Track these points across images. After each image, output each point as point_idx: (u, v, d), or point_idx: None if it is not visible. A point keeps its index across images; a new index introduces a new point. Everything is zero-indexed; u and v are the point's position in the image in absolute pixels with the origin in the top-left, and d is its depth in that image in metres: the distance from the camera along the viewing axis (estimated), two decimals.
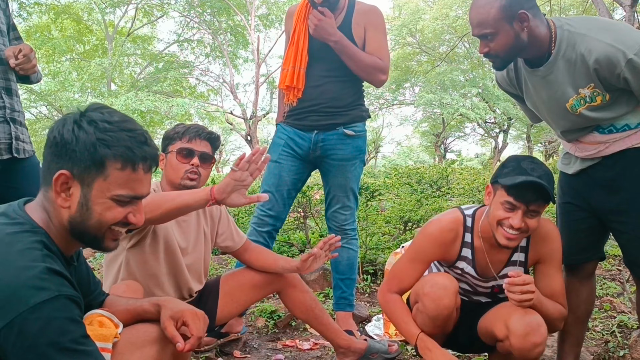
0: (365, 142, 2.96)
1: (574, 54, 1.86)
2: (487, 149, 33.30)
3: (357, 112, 2.87)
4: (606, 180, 2.04)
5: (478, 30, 1.90)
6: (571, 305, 2.17)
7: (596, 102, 1.91)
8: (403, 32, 24.31)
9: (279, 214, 2.86)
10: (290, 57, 2.83)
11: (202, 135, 2.23)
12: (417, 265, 2.14)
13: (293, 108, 2.89)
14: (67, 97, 22.52)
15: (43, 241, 1.18)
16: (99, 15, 24.66)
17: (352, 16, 2.80)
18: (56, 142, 1.20)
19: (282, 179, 2.85)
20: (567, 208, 2.20)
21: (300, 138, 2.85)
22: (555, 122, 2.08)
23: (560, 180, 2.25)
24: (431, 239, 2.12)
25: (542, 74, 1.96)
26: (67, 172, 1.19)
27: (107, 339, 1.37)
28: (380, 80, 2.82)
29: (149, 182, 1.29)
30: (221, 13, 23.05)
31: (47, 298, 1.08)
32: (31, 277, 1.09)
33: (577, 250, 2.17)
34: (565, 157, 2.21)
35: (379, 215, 5.49)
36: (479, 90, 24.04)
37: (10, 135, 2.21)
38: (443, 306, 2.00)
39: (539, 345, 1.90)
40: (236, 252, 2.47)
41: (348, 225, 2.90)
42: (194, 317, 1.47)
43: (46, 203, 1.25)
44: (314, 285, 3.80)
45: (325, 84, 2.81)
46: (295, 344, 2.88)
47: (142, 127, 1.28)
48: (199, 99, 25.81)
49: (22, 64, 2.20)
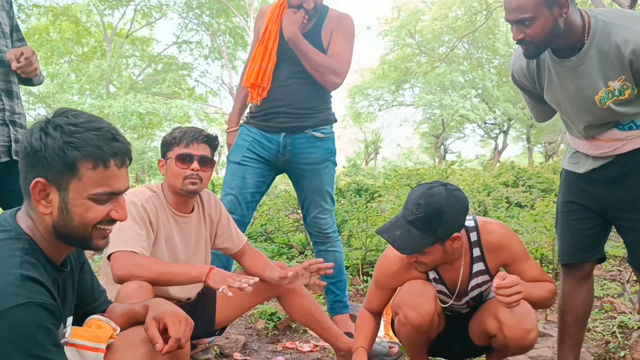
0: (334, 143, 2.92)
1: (608, 44, 1.82)
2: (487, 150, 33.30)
3: (325, 114, 2.84)
4: (617, 178, 2.02)
5: (515, 15, 1.82)
6: (570, 306, 2.17)
7: (624, 96, 1.88)
8: (402, 33, 24.36)
9: (243, 218, 2.79)
10: (258, 56, 2.78)
11: (199, 138, 2.20)
12: (381, 292, 2.19)
13: (258, 108, 2.84)
14: (65, 99, 22.55)
15: (25, 248, 1.19)
16: (97, 17, 24.70)
17: (323, 22, 2.78)
18: (27, 152, 1.22)
19: (245, 181, 2.79)
20: (570, 207, 2.17)
21: (267, 140, 2.80)
22: (578, 117, 2.02)
23: (564, 178, 2.22)
24: (384, 271, 2.15)
25: (572, 65, 1.91)
26: (42, 180, 1.20)
27: (101, 340, 1.39)
28: (332, 82, 2.75)
29: (125, 177, 1.29)
30: (220, 15, 23.10)
31: (16, 304, 1.08)
32: (4, 283, 1.10)
33: (577, 250, 2.16)
34: (573, 157, 2.17)
35: (379, 217, 5.49)
36: (479, 91, 24.08)
37: (9, 137, 2.20)
38: (424, 312, 2.00)
39: (532, 330, 1.92)
40: (235, 255, 2.46)
41: (329, 229, 2.88)
42: (174, 319, 1.47)
43: (30, 211, 1.26)
44: (313, 287, 3.78)
45: (292, 84, 2.77)
46: (295, 346, 2.88)
47: (109, 124, 1.28)
48: (198, 101, 25.81)
49: (24, 67, 2.19)
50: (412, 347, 2.18)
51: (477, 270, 2.08)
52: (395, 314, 2.13)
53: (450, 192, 1.86)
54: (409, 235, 1.84)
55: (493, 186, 8.02)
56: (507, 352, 2.10)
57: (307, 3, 2.65)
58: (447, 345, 2.26)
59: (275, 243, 5.22)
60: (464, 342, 2.21)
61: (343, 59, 2.75)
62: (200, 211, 2.35)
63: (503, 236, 2.06)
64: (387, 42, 25.92)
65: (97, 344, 1.38)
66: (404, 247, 1.86)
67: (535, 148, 27.83)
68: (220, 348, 2.76)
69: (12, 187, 2.23)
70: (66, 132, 1.20)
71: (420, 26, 24.31)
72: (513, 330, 1.92)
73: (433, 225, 1.83)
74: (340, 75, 2.75)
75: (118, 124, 21.20)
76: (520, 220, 5.14)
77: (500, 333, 1.97)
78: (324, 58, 2.70)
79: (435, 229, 1.84)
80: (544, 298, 2.02)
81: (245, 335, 3.03)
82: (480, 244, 2.06)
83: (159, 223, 2.18)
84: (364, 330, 2.18)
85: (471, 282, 2.10)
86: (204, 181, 2.22)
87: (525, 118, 23.59)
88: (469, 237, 2.07)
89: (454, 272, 2.09)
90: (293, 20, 2.67)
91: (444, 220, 1.83)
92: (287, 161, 2.81)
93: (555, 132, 19.29)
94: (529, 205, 7.15)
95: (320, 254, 2.91)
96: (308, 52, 2.68)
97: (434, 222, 1.83)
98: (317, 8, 2.73)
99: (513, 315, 1.91)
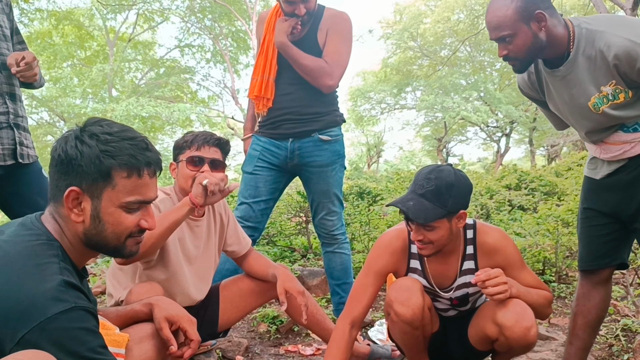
0: (343, 145, 2.93)
1: (594, 50, 1.85)
2: (490, 152, 33.24)
3: (331, 117, 2.85)
4: (630, 181, 2.03)
5: (496, 34, 1.89)
6: (583, 308, 2.18)
7: (619, 100, 1.90)
8: (404, 36, 24.36)
9: (257, 225, 2.85)
10: (259, 67, 2.82)
11: (210, 141, 2.22)
12: (370, 279, 2.15)
13: (265, 118, 2.88)
14: (68, 103, 22.60)
15: (59, 254, 1.21)
16: (100, 21, 24.78)
17: (319, 23, 2.78)
18: (61, 160, 1.23)
19: (258, 190, 2.83)
20: (587, 214, 2.18)
21: (276, 147, 2.83)
22: (578, 123, 2.06)
23: (584, 185, 2.23)
24: (381, 249, 2.16)
25: (562, 74, 1.95)
26: (76, 188, 1.22)
27: (121, 345, 1.41)
28: (325, 85, 2.74)
29: (155, 186, 1.32)
30: (222, 18, 23.14)
31: (64, 309, 1.10)
32: (49, 289, 1.12)
33: (595, 257, 2.15)
34: (591, 162, 2.18)
35: (382, 220, 5.49)
36: (481, 94, 24.06)
37: (14, 140, 2.21)
38: (414, 306, 2.02)
39: (531, 327, 1.94)
40: (239, 259, 2.48)
41: (337, 231, 2.89)
42: (190, 323, 1.50)
43: (58, 218, 1.27)
44: (316, 290, 3.79)
45: (294, 91, 2.79)
46: (297, 349, 2.87)
47: (141, 135, 1.31)
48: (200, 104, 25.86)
49: (24, 72, 2.19)
50: (410, 347, 2.18)
51: (466, 267, 2.09)
52: (387, 315, 2.14)
53: (457, 171, 1.97)
54: (421, 206, 1.90)
55: (495, 189, 8.01)
56: (511, 353, 2.10)
57: (298, 10, 2.67)
58: (448, 352, 2.27)
59: (278, 246, 5.23)
60: (465, 349, 2.21)
61: (336, 59, 2.75)
62: (211, 214, 2.37)
63: (499, 240, 2.09)
64: (389, 45, 25.95)
65: (116, 349, 1.39)
66: (417, 216, 1.90)
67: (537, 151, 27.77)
68: (223, 351, 2.76)
69: (17, 190, 2.24)
70: (102, 141, 1.22)
71: (422, 29, 24.31)
72: (514, 331, 1.93)
73: (444, 196, 1.91)
74: (334, 77, 2.74)
75: None
76: (523, 224, 5.14)
77: (501, 336, 1.98)
78: (314, 61, 2.71)
79: (446, 201, 1.91)
80: (539, 304, 2.03)
81: (248, 338, 3.03)
82: (474, 242, 2.10)
83: None
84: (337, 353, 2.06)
85: (458, 280, 2.12)
86: None
87: (527, 121, 23.57)
88: (465, 233, 2.10)
89: (442, 265, 2.12)
90: (281, 29, 2.70)
91: (454, 194, 1.92)
92: (296, 165, 2.84)
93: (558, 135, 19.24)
94: (531, 208, 7.14)
95: (328, 256, 2.94)
96: (298, 58, 2.69)
97: (444, 194, 1.91)
98: (311, 13, 2.74)
99: (511, 315, 1.93)
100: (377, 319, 3.28)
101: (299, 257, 4.98)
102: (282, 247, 5.20)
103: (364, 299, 2.14)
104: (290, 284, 2.26)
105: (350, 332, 2.11)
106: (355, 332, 2.14)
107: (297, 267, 4.25)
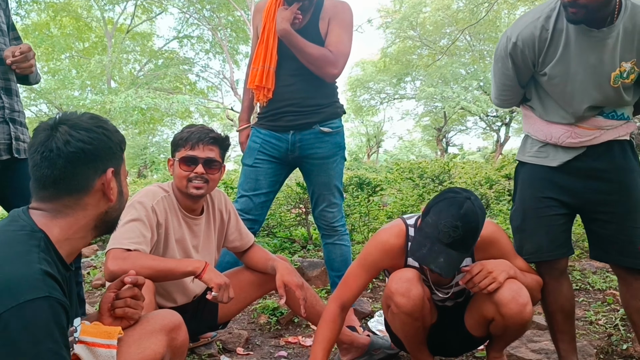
0: (343, 137, 2.93)
1: (631, 24, 1.89)
2: (490, 142, 33.20)
3: (332, 109, 2.84)
4: (596, 171, 2.06)
5: None
6: (557, 305, 2.20)
7: (628, 80, 1.93)
8: (404, 25, 24.22)
9: (257, 217, 2.85)
10: (260, 56, 2.78)
11: (205, 140, 2.17)
12: (364, 272, 2.16)
13: (265, 109, 2.86)
14: (67, 95, 22.54)
15: (40, 245, 1.20)
16: (98, 13, 24.65)
17: (320, 13, 2.76)
18: (86, 150, 1.25)
19: (258, 182, 2.83)
20: (547, 203, 2.14)
21: (277, 140, 2.82)
22: (586, 93, 2.01)
23: (532, 174, 2.19)
24: (379, 246, 2.14)
25: (602, 36, 1.92)
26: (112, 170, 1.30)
27: (111, 336, 1.41)
28: (330, 74, 2.73)
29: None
30: (220, 9, 23.01)
31: (37, 296, 1.09)
32: (26, 276, 1.11)
33: (556, 246, 2.15)
34: (540, 150, 2.16)
35: (381, 211, 5.49)
36: (481, 84, 23.98)
37: (9, 135, 2.20)
38: (414, 297, 2.02)
39: (527, 304, 1.96)
40: (240, 252, 2.48)
41: (337, 222, 2.90)
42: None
43: (69, 210, 1.27)
44: (315, 281, 3.80)
45: (296, 82, 2.77)
46: (298, 341, 2.88)
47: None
48: (199, 96, 25.79)
49: (19, 62, 2.18)
50: (410, 339, 2.19)
51: (464, 265, 2.09)
52: (387, 307, 2.15)
53: (476, 205, 1.88)
54: (450, 259, 1.86)
55: (495, 179, 7.99)
56: (506, 337, 2.13)
57: None
58: (444, 341, 2.28)
59: (278, 237, 5.23)
60: (460, 336, 2.23)
61: (340, 48, 2.73)
62: (211, 212, 2.37)
63: (492, 232, 2.09)
64: (389, 35, 25.82)
65: (108, 340, 1.40)
66: (448, 273, 1.88)
67: None
68: (223, 343, 2.77)
69: (13, 185, 2.23)
70: (107, 122, 1.33)
71: (421, 18, 24.17)
72: (510, 307, 1.95)
73: (469, 243, 1.90)
74: (337, 66, 2.73)
75: (120, 120, 21.22)
76: None
77: (497, 315, 2.01)
78: (319, 50, 2.69)
79: (471, 245, 1.92)
80: (531, 287, 2.07)
81: (248, 330, 3.04)
82: None
83: (169, 225, 2.19)
84: (323, 340, 2.10)
85: (457, 277, 2.13)
86: (211, 183, 2.22)
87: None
88: None
89: None
90: (284, 16, 2.66)
91: (478, 235, 1.91)
92: (296, 157, 2.84)
93: None
94: None
95: (328, 247, 2.94)
96: (302, 46, 2.67)
97: (470, 240, 1.90)
98: (311, 0, 2.72)
99: (507, 292, 1.97)
100: (377, 310, 3.29)
101: (298, 249, 4.99)
102: (282, 238, 5.21)
103: (355, 287, 2.16)
104: (289, 278, 2.25)
105: (340, 315, 2.15)
106: (344, 314, 2.17)
107: (297, 258, 4.26)
